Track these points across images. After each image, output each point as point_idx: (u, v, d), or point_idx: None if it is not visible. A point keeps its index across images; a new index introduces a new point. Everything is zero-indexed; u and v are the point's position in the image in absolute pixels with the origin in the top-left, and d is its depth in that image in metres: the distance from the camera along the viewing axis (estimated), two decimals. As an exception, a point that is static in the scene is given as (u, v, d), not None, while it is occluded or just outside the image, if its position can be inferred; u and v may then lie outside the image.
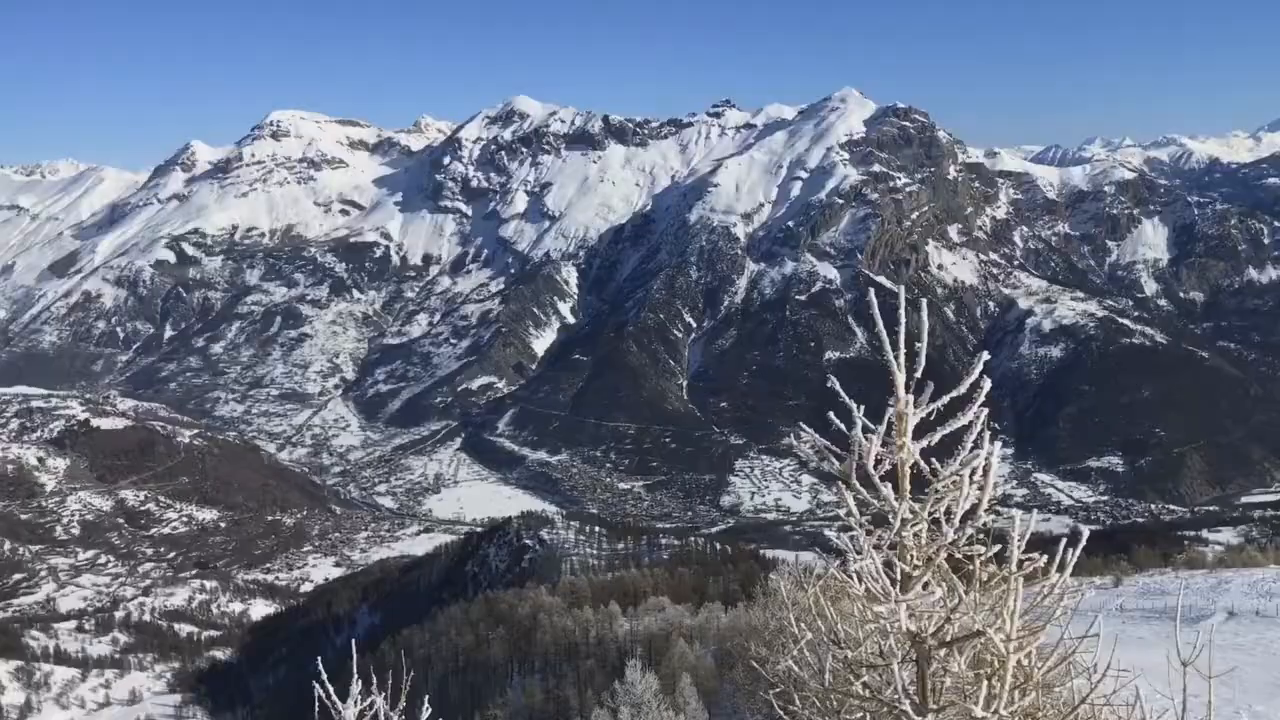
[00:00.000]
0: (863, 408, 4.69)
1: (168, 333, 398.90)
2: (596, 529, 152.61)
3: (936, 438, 4.68)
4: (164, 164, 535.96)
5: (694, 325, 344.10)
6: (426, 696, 7.19)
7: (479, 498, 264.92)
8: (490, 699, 66.38)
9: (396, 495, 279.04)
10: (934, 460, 4.69)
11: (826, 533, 5.01)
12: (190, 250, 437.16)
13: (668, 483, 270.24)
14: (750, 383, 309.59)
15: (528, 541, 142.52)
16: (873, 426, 4.68)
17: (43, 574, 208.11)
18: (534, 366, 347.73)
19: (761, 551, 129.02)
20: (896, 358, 4.60)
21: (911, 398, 4.64)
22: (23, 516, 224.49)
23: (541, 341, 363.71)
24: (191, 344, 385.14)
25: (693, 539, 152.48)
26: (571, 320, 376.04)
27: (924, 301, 4.55)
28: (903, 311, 4.60)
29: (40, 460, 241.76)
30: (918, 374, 4.63)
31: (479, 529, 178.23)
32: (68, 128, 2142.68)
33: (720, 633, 55.58)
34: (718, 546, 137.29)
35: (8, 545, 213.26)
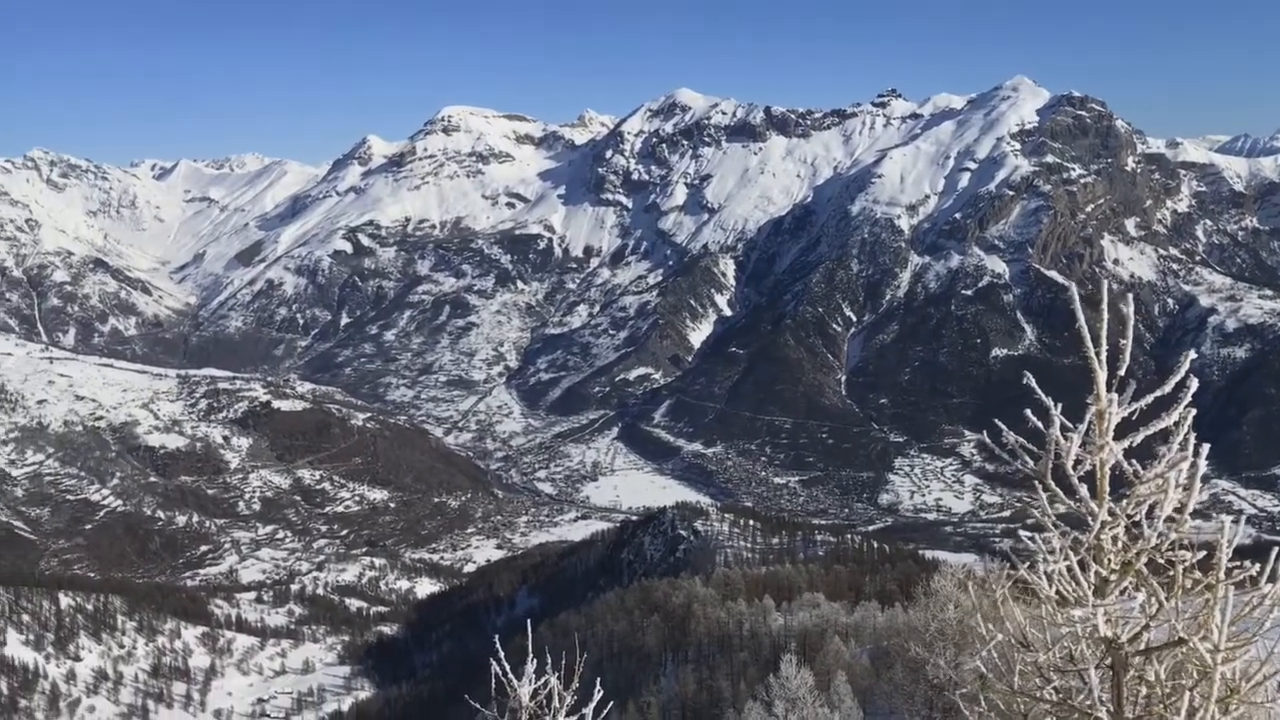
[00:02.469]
0: (1060, 405, 4.56)
1: (344, 320, 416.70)
2: (751, 522, 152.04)
3: (1139, 438, 4.55)
4: (342, 158, 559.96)
5: (854, 319, 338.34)
6: (599, 679, 7.50)
7: (635, 487, 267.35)
8: (644, 685, 67.21)
9: (555, 481, 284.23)
10: (1133, 462, 4.57)
11: (1022, 534, 4.97)
12: (366, 241, 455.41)
13: (824, 479, 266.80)
14: (912, 379, 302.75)
15: (682, 532, 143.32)
16: (1071, 426, 4.55)
17: (226, 546, 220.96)
18: (690, 359, 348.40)
19: (920, 552, 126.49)
20: (1097, 354, 4.47)
21: (1115, 396, 4.52)
22: (209, 492, 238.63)
23: (698, 334, 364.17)
24: (366, 331, 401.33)
25: (849, 536, 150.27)
26: (728, 313, 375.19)
27: (1130, 297, 4.52)
28: (1105, 306, 4.47)
29: (225, 439, 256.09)
30: (1120, 372, 4.51)
31: (635, 518, 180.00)
32: (255, 123, 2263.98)
33: (877, 632, 54.89)
34: (875, 545, 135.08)
35: (195, 518, 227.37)
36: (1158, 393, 4.48)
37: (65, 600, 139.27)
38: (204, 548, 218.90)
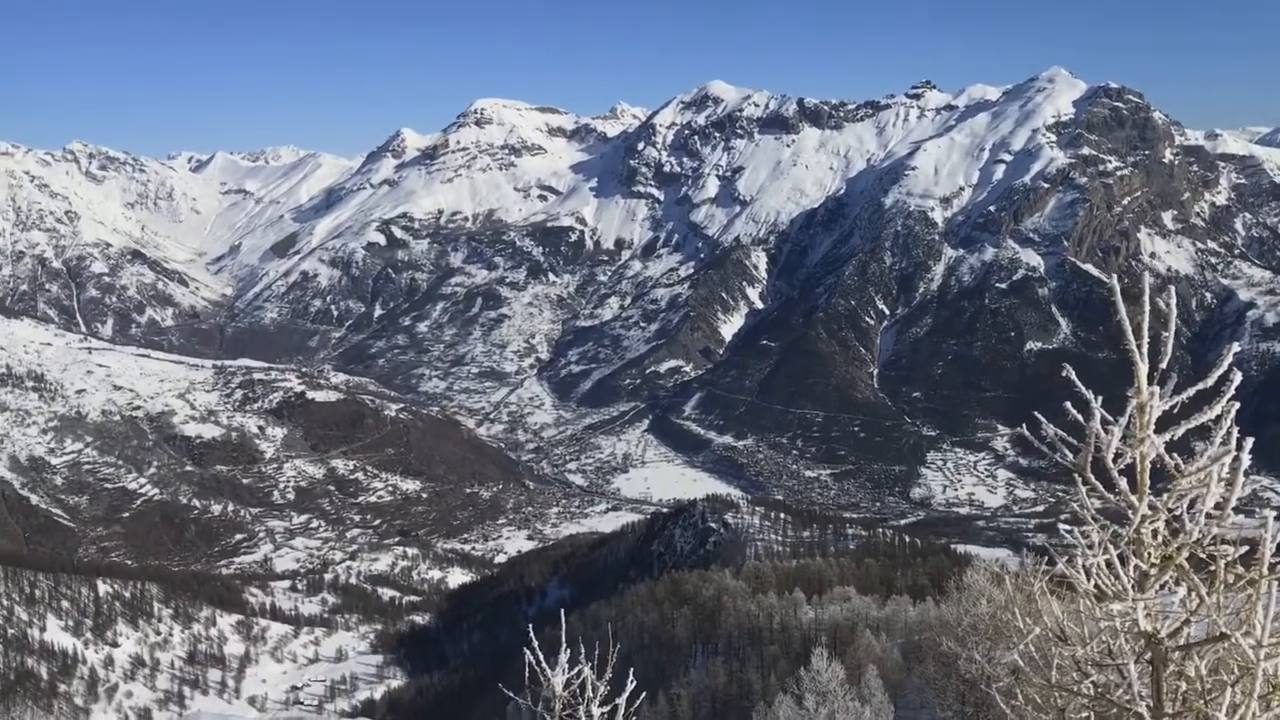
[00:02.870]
0: (1101, 399, 4.53)
1: (377, 311, 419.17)
2: (781, 515, 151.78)
3: (1181, 431, 4.53)
4: (376, 150, 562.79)
5: (887, 312, 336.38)
6: (631, 670, 7.54)
7: (665, 479, 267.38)
8: (674, 677, 67.30)
9: (586, 473, 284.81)
10: (1174, 455, 4.54)
11: (1061, 527, 4.91)
12: (399, 233, 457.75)
13: (855, 472, 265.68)
14: (945, 372, 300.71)
15: (712, 524, 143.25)
16: (1111, 419, 4.52)
17: (261, 535, 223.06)
18: (721, 351, 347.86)
19: (952, 546, 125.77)
20: (1139, 347, 4.44)
21: (1156, 389, 4.49)
22: (244, 481, 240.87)
23: (729, 326, 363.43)
24: (399, 322, 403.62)
25: (880, 530, 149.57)
26: (760, 305, 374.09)
27: (1171, 289, 4.47)
28: (1146, 299, 4.47)
29: (260, 429, 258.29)
30: (1161, 365, 4.47)
31: (665, 510, 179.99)
32: (290, 116, 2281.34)
33: (908, 626, 54.72)
34: (906, 539, 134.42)
35: (231, 507, 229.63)
36: (1200, 386, 4.44)
37: (103, 587, 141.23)
38: (239, 536, 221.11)
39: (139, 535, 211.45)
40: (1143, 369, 4.47)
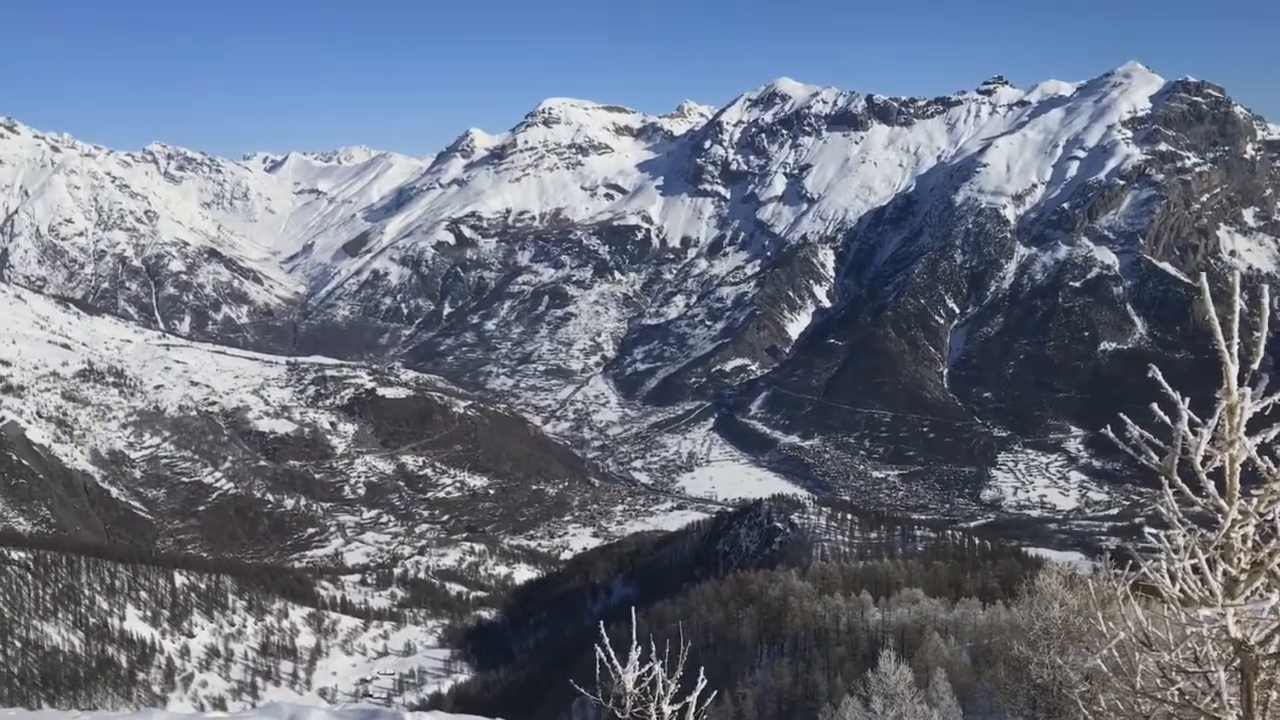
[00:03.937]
0: (1188, 400, 4.47)
1: (446, 309, 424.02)
2: (848, 516, 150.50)
3: (1272, 434, 4.44)
4: (445, 150, 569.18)
5: (957, 311, 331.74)
6: (701, 669, 7.56)
7: (730, 478, 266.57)
8: (740, 677, 67.10)
9: (651, 471, 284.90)
10: (1264, 458, 4.45)
11: (1147, 530, 4.77)
12: (468, 232, 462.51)
13: (924, 473, 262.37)
14: (1016, 373, 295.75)
15: (778, 524, 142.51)
16: (1199, 420, 4.43)
17: (332, 530, 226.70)
18: (787, 350, 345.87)
19: (1023, 549, 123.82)
20: (1229, 347, 4.36)
21: (1248, 390, 4.39)
22: (316, 476, 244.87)
23: (796, 325, 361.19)
24: (467, 320, 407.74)
25: (949, 532, 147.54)
26: (827, 304, 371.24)
27: (1265, 288, 4.41)
28: (1236, 298, 4.41)
29: (332, 425, 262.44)
30: (1253, 366, 4.40)
31: (730, 509, 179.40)
32: (362, 117, 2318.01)
33: (978, 629, 54.01)
34: (976, 541, 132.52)
35: (303, 501, 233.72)
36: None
37: (180, 579, 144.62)
38: (310, 530, 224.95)
39: (214, 528, 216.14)
40: (1233, 369, 4.38)
